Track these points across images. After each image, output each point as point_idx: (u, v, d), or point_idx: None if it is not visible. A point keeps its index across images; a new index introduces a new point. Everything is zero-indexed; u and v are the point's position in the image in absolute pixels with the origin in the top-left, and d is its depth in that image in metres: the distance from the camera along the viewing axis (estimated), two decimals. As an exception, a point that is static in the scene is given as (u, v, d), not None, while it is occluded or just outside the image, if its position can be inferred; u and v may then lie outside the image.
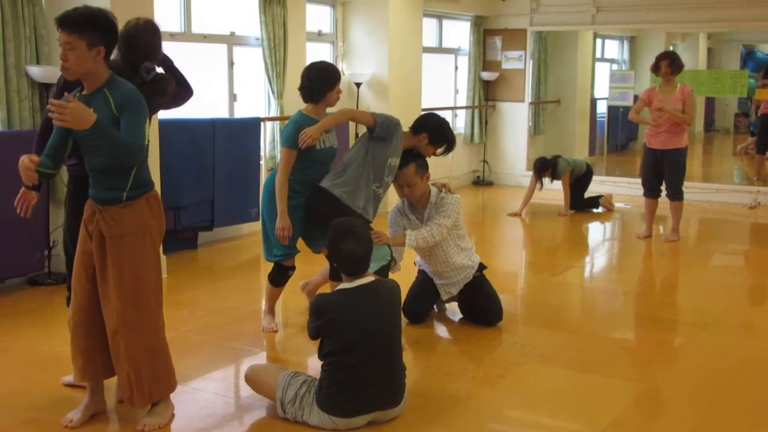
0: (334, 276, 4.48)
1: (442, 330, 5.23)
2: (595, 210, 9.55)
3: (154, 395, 3.69)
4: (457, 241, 5.12)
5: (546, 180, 9.31)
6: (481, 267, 5.22)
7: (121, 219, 3.55)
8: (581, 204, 9.50)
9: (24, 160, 3.45)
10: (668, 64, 7.55)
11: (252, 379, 3.92)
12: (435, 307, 5.39)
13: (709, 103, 15.87)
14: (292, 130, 4.70)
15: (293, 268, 5.02)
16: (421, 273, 5.37)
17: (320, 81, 4.74)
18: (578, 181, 9.42)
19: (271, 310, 5.17)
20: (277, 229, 4.71)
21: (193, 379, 4.28)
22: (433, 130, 5.01)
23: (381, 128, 4.77)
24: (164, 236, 3.84)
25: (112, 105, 3.46)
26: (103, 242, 3.55)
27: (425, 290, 5.26)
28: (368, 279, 3.73)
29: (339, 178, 4.75)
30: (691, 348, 4.98)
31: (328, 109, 4.88)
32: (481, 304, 5.18)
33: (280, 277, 5.03)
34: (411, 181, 4.95)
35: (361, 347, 3.59)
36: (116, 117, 3.45)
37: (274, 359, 4.77)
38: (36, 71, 5.90)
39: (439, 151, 5.05)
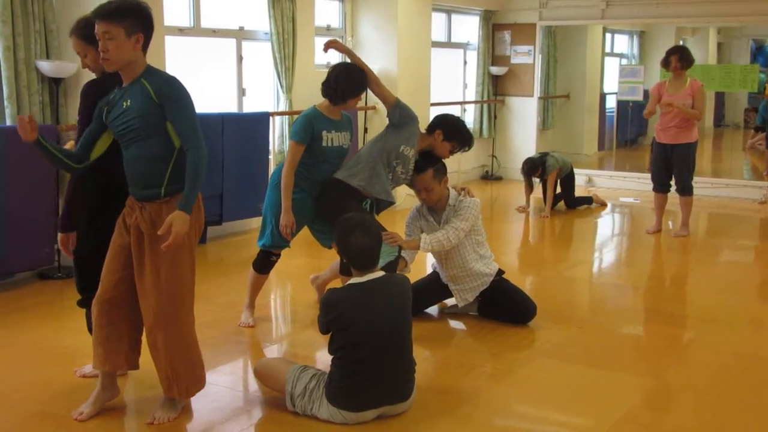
0: (345, 270, 4.48)
1: (451, 325, 5.22)
2: (588, 206, 9.39)
3: (190, 391, 3.73)
4: (476, 247, 5.08)
5: (536, 180, 9.06)
6: (500, 273, 5.19)
7: (159, 216, 3.52)
8: (574, 202, 9.28)
9: (24, 118, 3.46)
10: (678, 58, 7.52)
11: (261, 372, 3.92)
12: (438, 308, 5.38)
13: (719, 97, 15.79)
14: (302, 124, 4.70)
15: (278, 255, 5.03)
16: (433, 273, 5.36)
17: (347, 86, 4.70)
18: (566, 179, 9.14)
19: (251, 305, 5.13)
20: (281, 226, 4.72)
21: (203, 372, 4.28)
22: (447, 126, 5.01)
23: (399, 111, 4.84)
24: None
25: (151, 92, 3.44)
26: (142, 238, 3.55)
27: (427, 288, 5.23)
28: (378, 274, 3.73)
29: (353, 168, 4.76)
30: (701, 343, 4.97)
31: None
32: (516, 301, 5.12)
33: (263, 262, 5.03)
34: (429, 186, 4.94)
35: (371, 342, 3.58)
36: (156, 103, 3.44)
37: (284, 353, 4.77)
38: (46, 66, 5.91)
39: (456, 147, 5.02)
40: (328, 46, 4.95)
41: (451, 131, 5.00)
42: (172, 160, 3.51)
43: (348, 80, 4.71)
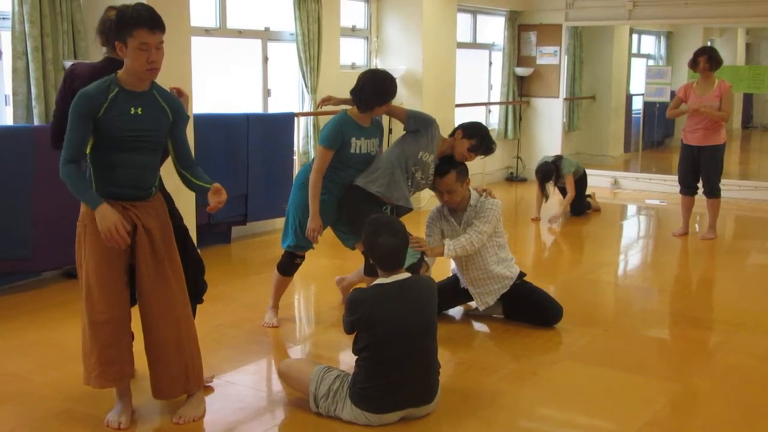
0: (370, 271, 4.48)
1: (475, 327, 5.21)
2: (587, 211, 9.06)
3: (200, 382, 3.77)
4: (496, 250, 5.05)
5: (550, 188, 8.65)
6: (521, 275, 5.16)
7: (157, 210, 3.62)
8: (582, 208, 8.92)
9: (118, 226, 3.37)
10: (706, 59, 7.44)
11: (285, 373, 3.93)
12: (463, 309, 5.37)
13: (747, 99, 15.62)
14: (332, 130, 4.69)
15: (302, 257, 5.05)
16: (453, 277, 5.35)
17: (372, 95, 4.66)
18: (577, 183, 8.70)
19: (275, 305, 5.15)
20: (308, 230, 4.73)
21: (226, 372, 4.30)
22: (469, 126, 5.02)
23: (413, 120, 4.86)
24: (199, 230, 3.88)
25: (168, 112, 3.54)
26: (150, 235, 3.57)
27: (449, 290, 5.20)
28: (404, 275, 3.72)
29: (372, 175, 4.75)
30: (727, 347, 4.91)
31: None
32: (541, 303, 5.10)
33: (287, 264, 5.04)
34: (451, 188, 4.94)
35: (395, 343, 3.58)
36: (170, 122, 3.55)
37: (307, 354, 4.78)
38: (73, 66, 5.95)
39: (474, 146, 4.98)
40: (322, 103, 5.04)
41: (472, 130, 4.99)
42: (160, 166, 3.70)
43: (374, 88, 4.67)
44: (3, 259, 5.61)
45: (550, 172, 8.53)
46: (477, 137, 4.96)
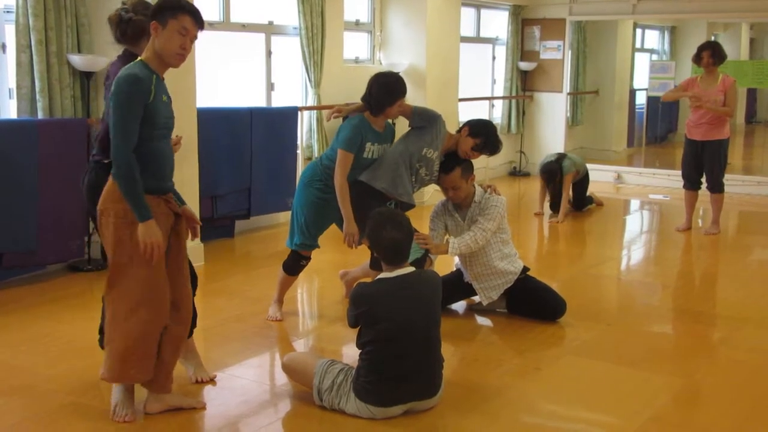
0: (375, 265, 4.49)
1: (479, 321, 5.21)
2: (590, 205, 9.06)
3: None
4: (500, 246, 5.05)
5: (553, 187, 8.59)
6: (525, 270, 5.16)
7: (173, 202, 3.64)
8: (583, 204, 8.93)
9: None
10: (710, 54, 7.43)
11: (289, 366, 3.94)
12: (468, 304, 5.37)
13: (751, 93, 15.60)
14: (353, 134, 4.68)
15: (308, 258, 5.04)
16: (456, 271, 5.35)
17: (380, 96, 4.66)
18: (580, 182, 8.74)
19: (280, 300, 5.15)
20: (347, 235, 4.72)
21: (230, 366, 4.31)
22: (475, 124, 5.01)
23: (418, 116, 4.85)
24: (202, 224, 3.89)
25: (169, 97, 3.56)
26: (178, 229, 3.60)
27: (452, 284, 5.18)
28: (408, 269, 3.72)
29: (376, 171, 4.75)
30: (732, 343, 4.91)
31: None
32: (545, 298, 5.11)
33: (293, 264, 5.04)
34: (456, 185, 4.93)
35: (399, 338, 3.58)
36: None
37: (311, 347, 4.79)
38: (77, 60, 5.95)
39: (478, 144, 4.96)
40: (332, 116, 4.96)
41: (478, 128, 4.97)
42: None
43: (382, 89, 4.67)
44: (8, 253, 5.62)
45: (554, 171, 8.47)
46: (482, 136, 4.94)
